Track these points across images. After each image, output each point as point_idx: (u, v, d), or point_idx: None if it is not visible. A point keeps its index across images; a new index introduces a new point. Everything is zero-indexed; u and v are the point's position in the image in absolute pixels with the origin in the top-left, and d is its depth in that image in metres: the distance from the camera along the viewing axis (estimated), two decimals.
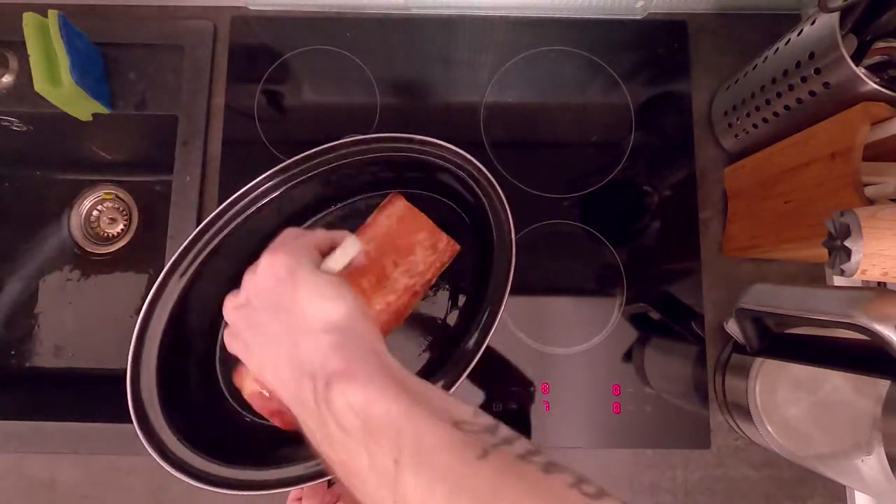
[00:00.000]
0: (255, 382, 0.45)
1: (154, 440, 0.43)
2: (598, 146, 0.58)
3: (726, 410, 0.52)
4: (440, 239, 0.50)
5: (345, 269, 0.34)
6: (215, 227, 0.48)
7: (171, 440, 0.44)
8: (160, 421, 0.44)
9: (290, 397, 0.30)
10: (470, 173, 0.48)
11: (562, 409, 0.53)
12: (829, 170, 0.40)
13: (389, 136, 0.49)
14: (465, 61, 0.59)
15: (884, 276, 0.32)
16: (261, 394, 0.45)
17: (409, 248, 0.49)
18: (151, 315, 0.46)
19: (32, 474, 0.53)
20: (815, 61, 0.40)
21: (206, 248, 0.48)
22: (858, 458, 0.37)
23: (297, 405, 0.29)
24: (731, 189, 0.56)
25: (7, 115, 0.57)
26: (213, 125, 0.57)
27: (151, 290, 0.46)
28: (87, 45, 0.55)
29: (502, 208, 0.47)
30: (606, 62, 0.58)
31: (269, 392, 0.44)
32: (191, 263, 0.47)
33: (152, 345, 0.46)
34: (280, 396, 0.31)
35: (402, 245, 0.49)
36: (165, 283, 0.46)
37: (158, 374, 0.45)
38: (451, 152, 0.48)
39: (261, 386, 0.44)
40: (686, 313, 0.55)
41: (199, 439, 0.45)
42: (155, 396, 0.45)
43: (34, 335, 0.64)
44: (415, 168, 0.51)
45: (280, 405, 0.44)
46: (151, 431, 0.44)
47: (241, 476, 0.43)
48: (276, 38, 0.59)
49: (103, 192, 0.68)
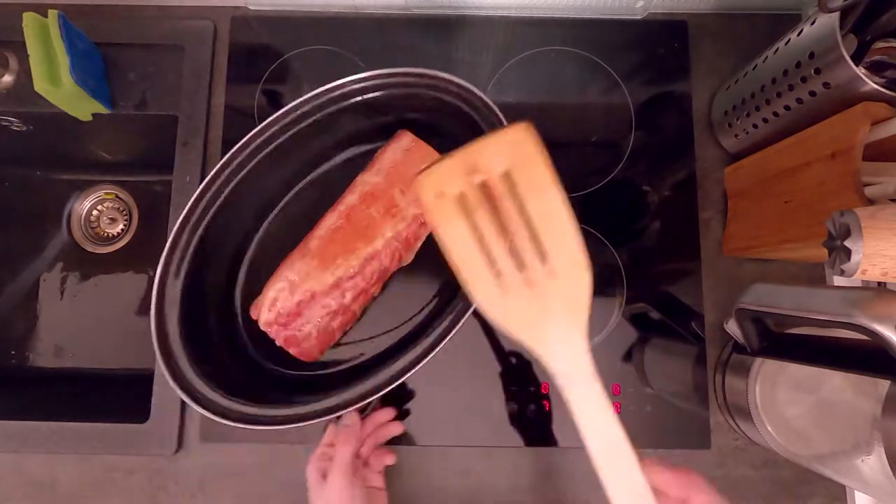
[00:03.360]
0: (271, 311, 0.46)
1: (181, 382, 0.45)
2: (598, 146, 0.58)
3: (726, 410, 0.52)
4: None
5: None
6: (222, 177, 0.49)
7: (197, 382, 0.45)
8: (185, 363, 0.45)
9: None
10: (471, 103, 0.49)
11: (562, 409, 0.53)
12: (829, 170, 0.40)
13: (385, 73, 0.49)
14: (465, 61, 0.59)
15: (884, 276, 0.32)
16: (276, 322, 0.47)
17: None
18: (168, 271, 0.47)
19: (32, 474, 0.53)
20: (815, 61, 0.40)
21: (216, 200, 0.48)
22: (858, 458, 0.37)
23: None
24: (731, 189, 0.56)
25: (7, 115, 0.57)
26: (213, 125, 0.57)
27: (166, 245, 0.47)
28: (87, 45, 0.55)
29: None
30: (606, 62, 0.58)
31: (285, 320, 0.46)
32: (202, 215, 0.48)
33: (173, 303, 0.46)
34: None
35: (410, 174, 0.49)
36: (179, 236, 0.47)
37: (181, 325, 0.46)
38: (449, 83, 0.49)
39: (276, 314, 0.46)
40: (686, 313, 0.55)
41: (225, 383, 0.46)
42: (180, 345, 0.46)
43: (34, 335, 0.64)
44: (415, 108, 0.51)
45: (295, 333, 0.47)
46: (178, 374, 0.45)
47: (269, 413, 0.45)
48: (276, 38, 0.59)
49: (103, 192, 0.68)
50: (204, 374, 0.45)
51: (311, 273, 0.47)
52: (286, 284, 0.47)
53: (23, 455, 0.53)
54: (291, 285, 0.47)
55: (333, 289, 0.47)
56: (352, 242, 0.48)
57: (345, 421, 0.46)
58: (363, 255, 0.48)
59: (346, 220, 0.48)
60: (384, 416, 0.49)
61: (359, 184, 0.50)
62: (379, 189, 0.49)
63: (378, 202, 0.49)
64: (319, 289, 0.47)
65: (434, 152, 0.50)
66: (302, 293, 0.47)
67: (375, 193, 0.49)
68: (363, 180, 0.50)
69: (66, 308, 0.65)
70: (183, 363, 0.45)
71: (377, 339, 0.53)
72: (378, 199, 0.49)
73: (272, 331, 0.47)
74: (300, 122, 0.49)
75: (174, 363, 0.45)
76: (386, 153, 0.51)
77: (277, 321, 0.47)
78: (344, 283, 0.47)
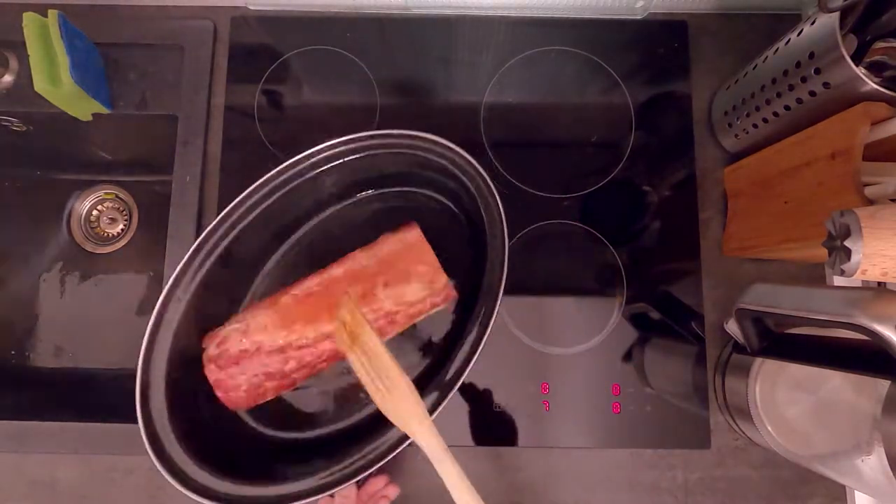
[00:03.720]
0: (217, 347, 0.46)
1: (166, 460, 0.44)
2: (598, 146, 0.58)
3: (726, 410, 0.52)
4: (439, 279, 0.48)
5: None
6: (216, 235, 0.48)
7: (182, 459, 0.44)
8: (170, 438, 0.44)
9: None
10: (464, 170, 0.48)
11: (562, 409, 0.53)
12: (829, 170, 0.40)
13: (386, 133, 0.49)
14: (465, 61, 0.59)
15: (884, 276, 0.32)
16: (215, 361, 0.46)
17: (405, 275, 0.48)
18: (158, 329, 0.46)
19: (32, 474, 0.53)
20: (815, 61, 0.40)
21: (210, 258, 0.48)
22: (858, 458, 0.37)
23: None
24: (731, 189, 0.56)
25: (7, 115, 0.57)
26: (213, 125, 0.57)
27: (157, 305, 0.46)
28: (87, 45, 0.55)
29: (493, 201, 0.47)
30: (606, 62, 0.58)
31: (224, 362, 0.46)
32: (195, 274, 0.47)
33: (161, 358, 0.46)
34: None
35: (400, 270, 0.48)
36: (169, 299, 0.46)
37: (168, 391, 0.45)
38: (442, 146, 0.48)
39: (220, 352, 0.46)
40: (686, 313, 0.55)
41: (210, 454, 0.45)
42: (165, 413, 0.45)
43: (34, 335, 0.64)
44: (411, 165, 0.50)
45: (227, 379, 0.47)
46: (165, 455, 0.44)
47: (260, 493, 0.44)
48: (276, 38, 0.59)
49: (103, 192, 0.68)
50: (190, 449, 0.44)
51: (267, 327, 0.46)
52: (242, 327, 0.46)
53: (23, 455, 0.53)
54: (246, 330, 0.46)
55: (278, 352, 0.46)
56: (317, 313, 0.47)
57: (342, 493, 0.44)
58: (322, 329, 0.47)
59: (324, 290, 0.48)
60: (378, 484, 0.47)
61: (350, 259, 0.49)
62: (366, 273, 0.48)
63: (359, 284, 0.47)
64: (267, 345, 0.46)
65: (433, 257, 0.48)
66: (250, 343, 0.46)
67: (360, 276, 0.48)
68: (356, 257, 0.49)
69: (66, 308, 0.65)
70: (169, 440, 0.44)
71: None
72: (360, 281, 0.47)
73: (209, 367, 0.46)
74: (292, 181, 0.49)
75: (160, 444, 0.44)
76: (389, 241, 0.49)
77: (217, 361, 0.46)
78: (291, 349, 0.46)
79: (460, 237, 0.52)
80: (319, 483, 0.44)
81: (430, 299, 0.48)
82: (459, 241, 0.52)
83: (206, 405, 0.48)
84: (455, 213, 0.54)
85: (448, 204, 0.54)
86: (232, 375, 0.46)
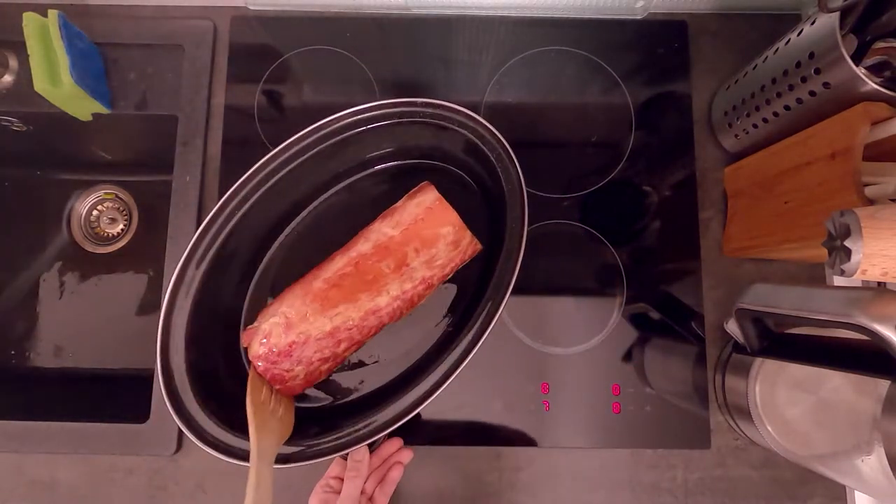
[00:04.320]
0: (262, 345, 0.46)
1: (190, 423, 0.45)
2: (598, 146, 0.58)
3: (726, 410, 0.52)
4: (464, 236, 0.49)
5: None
6: (229, 207, 0.49)
7: (204, 421, 0.45)
8: (188, 395, 0.46)
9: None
10: (478, 133, 0.49)
11: (562, 409, 0.53)
12: (829, 170, 0.40)
13: (397, 102, 0.49)
14: (465, 61, 0.59)
15: (884, 276, 0.32)
16: (265, 358, 0.46)
17: (433, 239, 0.49)
18: (174, 306, 0.47)
19: (32, 474, 0.53)
20: (815, 61, 0.40)
21: (223, 231, 0.49)
22: (858, 458, 0.37)
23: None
24: (731, 189, 0.56)
25: (7, 115, 0.57)
26: (213, 125, 0.57)
27: (170, 282, 0.47)
28: (87, 45, 0.55)
29: (511, 164, 0.48)
30: (606, 62, 0.58)
31: (276, 358, 0.46)
32: (207, 249, 0.48)
33: (178, 334, 0.47)
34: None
35: (427, 235, 0.48)
36: (184, 272, 0.47)
37: (186, 352, 0.47)
38: (458, 112, 0.49)
39: (267, 349, 0.46)
40: (686, 313, 0.55)
41: (224, 411, 0.46)
42: (184, 370, 0.46)
43: (34, 335, 0.64)
44: (419, 137, 0.51)
45: (283, 373, 0.46)
46: (184, 411, 0.45)
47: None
48: (276, 38, 0.59)
49: (103, 192, 0.68)
50: (209, 409, 0.45)
51: (308, 315, 0.46)
52: (282, 320, 0.46)
53: (23, 455, 0.53)
54: (287, 323, 0.46)
55: (329, 336, 0.47)
56: (356, 292, 0.47)
57: (354, 456, 0.45)
58: (365, 307, 0.47)
59: (355, 268, 0.48)
60: (392, 448, 0.48)
61: (374, 232, 0.49)
62: (394, 243, 0.48)
63: (390, 257, 0.48)
64: (315, 334, 0.46)
65: (455, 216, 0.49)
66: (296, 335, 0.46)
67: (390, 247, 0.48)
68: (380, 230, 0.49)
69: (66, 308, 0.65)
70: (188, 399, 0.45)
71: (386, 367, 0.52)
72: (391, 253, 0.48)
73: (260, 365, 0.46)
74: (305, 152, 0.50)
75: (179, 400, 0.45)
76: (408, 207, 0.49)
77: (267, 358, 0.46)
78: (341, 332, 0.47)
79: (474, 203, 0.53)
80: (334, 444, 0.45)
81: (459, 257, 0.50)
82: (474, 205, 0.53)
83: (223, 364, 0.49)
84: (466, 181, 0.55)
85: (459, 172, 0.55)
86: (288, 368, 0.47)
